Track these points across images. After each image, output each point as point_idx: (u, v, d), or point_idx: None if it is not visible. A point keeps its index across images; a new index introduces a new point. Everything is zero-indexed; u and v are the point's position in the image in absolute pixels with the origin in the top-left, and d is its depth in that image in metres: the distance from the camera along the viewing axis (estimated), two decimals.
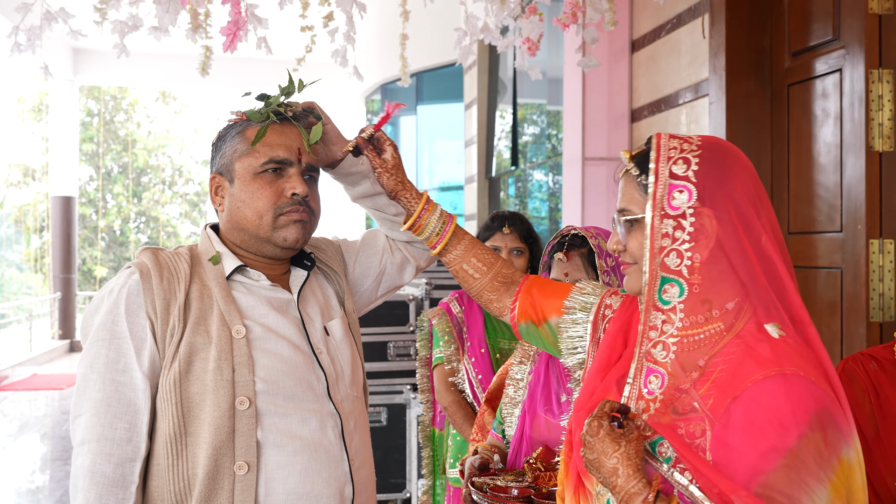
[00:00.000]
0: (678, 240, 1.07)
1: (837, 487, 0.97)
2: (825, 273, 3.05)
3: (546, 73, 5.72)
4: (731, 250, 1.07)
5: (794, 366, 1.02)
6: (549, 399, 1.76)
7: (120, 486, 1.36)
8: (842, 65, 2.90)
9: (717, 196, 1.07)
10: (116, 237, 21.10)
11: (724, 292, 1.08)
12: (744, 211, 1.08)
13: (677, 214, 1.07)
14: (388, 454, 4.36)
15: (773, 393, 1.00)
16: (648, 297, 1.10)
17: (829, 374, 1.04)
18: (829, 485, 0.97)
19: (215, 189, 1.57)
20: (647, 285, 1.09)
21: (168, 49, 10.72)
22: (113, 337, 1.41)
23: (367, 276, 1.74)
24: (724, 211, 1.07)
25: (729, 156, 1.12)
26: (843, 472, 0.98)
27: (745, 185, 1.10)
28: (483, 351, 2.68)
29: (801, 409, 0.98)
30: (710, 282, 1.07)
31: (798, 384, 1.00)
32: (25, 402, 8.63)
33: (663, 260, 1.08)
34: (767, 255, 1.09)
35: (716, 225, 1.06)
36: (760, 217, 1.10)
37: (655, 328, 1.09)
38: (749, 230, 1.07)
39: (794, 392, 0.99)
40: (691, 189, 1.07)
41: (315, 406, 1.47)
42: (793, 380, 1.00)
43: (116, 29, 2.99)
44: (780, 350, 1.04)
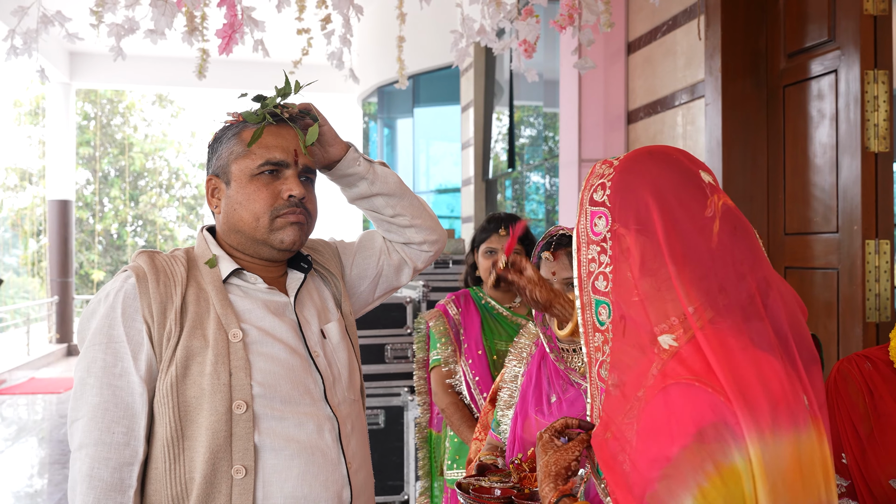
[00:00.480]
0: (603, 263, 1.09)
1: (709, 495, 0.95)
2: (821, 274, 3.05)
3: (542, 75, 5.73)
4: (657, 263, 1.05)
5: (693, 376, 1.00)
6: (540, 400, 1.76)
7: (118, 491, 1.36)
8: (837, 66, 2.91)
9: (627, 214, 1.08)
10: (113, 241, 21.08)
11: (674, 305, 1.05)
12: (663, 218, 1.06)
13: (600, 240, 1.10)
14: (385, 456, 4.36)
15: (668, 402, 1.00)
16: (584, 321, 1.12)
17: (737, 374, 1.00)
18: (699, 492, 0.95)
19: (212, 191, 1.56)
20: (582, 309, 1.12)
21: (165, 52, 10.73)
22: (110, 341, 1.40)
23: (364, 277, 1.74)
24: (638, 225, 1.07)
25: (641, 165, 1.11)
26: (721, 480, 0.95)
27: (661, 190, 1.08)
28: (480, 353, 2.69)
29: (694, 417, 0.98)
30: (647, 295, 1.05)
31: (692, 393, 0.99)
32: (23, 406, 8.61)
33: (593, 283, 1.10)
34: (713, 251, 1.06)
35: (636, 238, 1.06)
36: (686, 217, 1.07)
37: (599, 349, 1.10)
38: (677, 235, 1.06)
39: (687, 402, 0.99)
40: (606, 213, 1.10)
41: (312, 409, 1.47)
42: (688, 390, 0.99)
43: (113, 32, 2.99)
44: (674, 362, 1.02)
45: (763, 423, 0.97)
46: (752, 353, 1.02)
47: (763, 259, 1.09)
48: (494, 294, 2.79)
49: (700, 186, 1.09)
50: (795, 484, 0.98)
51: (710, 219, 1.07)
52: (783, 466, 0.97)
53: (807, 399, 1.03)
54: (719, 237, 1.06)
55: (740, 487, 0.95)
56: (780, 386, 1.00)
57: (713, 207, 1.08)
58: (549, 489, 1.14)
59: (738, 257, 1.06)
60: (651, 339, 1.03)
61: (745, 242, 1.08)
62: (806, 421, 1.01)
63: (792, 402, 1.00)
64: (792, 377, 1.03)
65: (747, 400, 0.98)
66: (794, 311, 1.08)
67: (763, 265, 1.08)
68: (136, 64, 11.15)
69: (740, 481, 0.96)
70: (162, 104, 21.17)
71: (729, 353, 1.01)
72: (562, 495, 1.13)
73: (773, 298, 1.07)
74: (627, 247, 1.07)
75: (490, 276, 2.71)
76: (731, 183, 3.35)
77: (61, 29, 3.03)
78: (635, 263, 1.06)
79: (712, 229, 1.06)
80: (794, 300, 1.10)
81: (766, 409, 0.98)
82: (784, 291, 1.09)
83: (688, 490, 0.95)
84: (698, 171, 1.11)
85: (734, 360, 1.00)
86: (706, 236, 1.06)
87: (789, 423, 0.99)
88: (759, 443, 0.96)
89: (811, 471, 1.00)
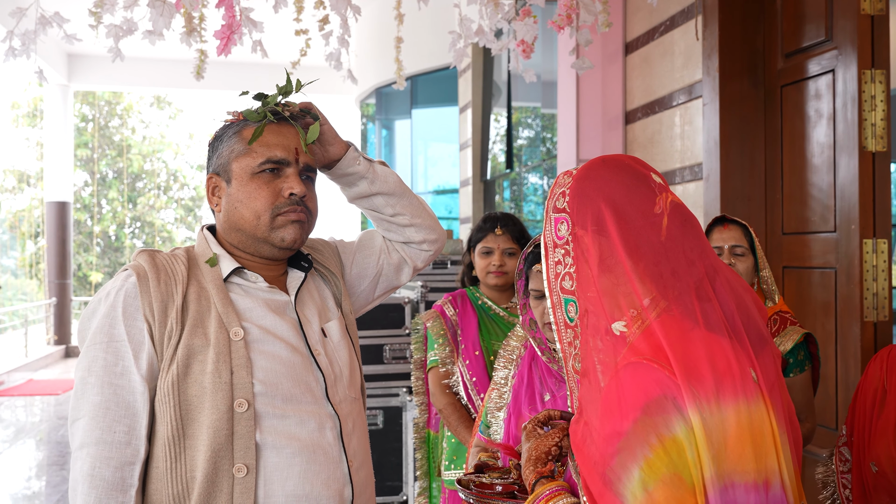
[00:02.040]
0: (567, 264, 1.19)
1: (654, 466, 1.02)
2: (819, 273, 3.06)
3: (540, 76, 5.74)
4: (613, 259, 1.14)
5: (644, 351, 1.08)
6: (533, 398, 1.76)
7: (119, 490, 1.36)
8: (834, 65, 2.92)
9: (583, 216, 1.17)
10: (111, 242, 21.07)
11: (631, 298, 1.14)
12: (615, 218, 1.15)
13: (563, 243, 1.20)
14: (384, 457, 4.36)
15: (620, 382, 1.08)
16: (556, 319, 1.20)
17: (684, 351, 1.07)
18: (644, 463, 1.03)
19: (212, 189, 1.56)
20: (553, 308, 1.21)
21: (163, 54, 10.73)
22: (111, 340, 1.40)
23: (364, 277, 1.74)
24: (595, 225, 1.16)
25: (592, 171, 1.20)
26: (664, 451, 1.03)
27: (611, 192, 1.17)
28: (477, 353, 2.69)
29: (641, 393, 1.06)
30: (607, 290, 1.14)
31: (641, 371, 1.07)
32: (21, 407, 8.60)
33: (561, 284, 1.20)
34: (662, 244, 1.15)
35: (593, 239, 1.15)
36: (637, 215, 1.16)
37: (571, 344, 1.18)
38: (630, 233, 1.14)
39: (636, 379, 1.07)
40: (567, 218, 1.19)
41: (313, 408, 1.47)
42: (638, 368, 1.07)
43: (111, 33, 3.00)
44: (630, 347, 1.10)
45: (705, 393, 1.05)
46: (701, 332, 1.10)
47: (709, 249, 1.18)
48: (491, 294, 2.80)
49: (650, 187, 1.19)
50: (743, 450, 1.04)
51: (659, 215, 1.16)
52: (728, 434, 1.04)
53: (755, 374, 1.10)
54: (668, 230, 1.15)
55: (683, 456, 1.03)
56: (726, 360, 1.08)
57: (661, 204, 1.17)
58: (530, 471, 1.27)
59: (687, 246, 1.15)
60: (609, 330, 1.12)
61: (693, 233, 1.17)
62: (755, 394, 1.08)
63: (738, 375, 1.08)
64: (739, 353, 1.10)
65: (691, 372, 1.06)
66: (741, 295, 1.17)
67: (710, 255, 1.18)
68: (134, 65, 11.15)
69: (683, 451, 1.03)
70: (160, 106, 21.18)
71: (680, 333, 1.09)
72: (540, 476, 1.25)
73: (721, 283, 1.15)
74: (586, 247, 1.16)
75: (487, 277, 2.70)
76: (729, 183, 3.36)
77: (59, 30, 3.03)
78: (594, 262, 1.15)
79: (661, 224, 1.15)
80: (741, 286, 1.18)
81: (710, 380, 1.05)
82: (731, 278, 1.18)
83: (636, 462, 1.03)
84: (649, 173, 1.21)
85: (683, 340, 1.08)
86: (656, 230, 1.15)
87: (734, 393, 1.06)
88: (700, 412, 1.03)
89: (762, 439, 1.06)
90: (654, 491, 1.02)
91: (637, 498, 1.02)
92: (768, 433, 1.07)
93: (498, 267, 2.72)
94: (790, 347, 2.17)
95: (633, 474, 1.03)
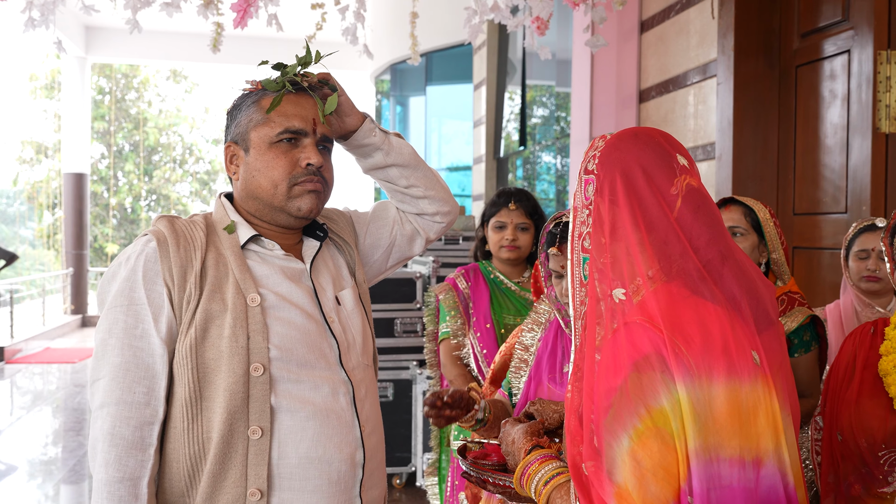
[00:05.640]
0: (587, 224, 1.22)
1: (643, 435, 1.07)
2: (829, 254, 3.07)
3: (555, 54, 5.72)
4: (625, 230, 1.17)
5: (639, 315, 1.12)
6: (554, 368, 1.79)
7: (139, 449, 1.40)
8: (850, 46, 2.91)
9: (606, 185, 1.21)
10: (127, 215, 21.20)
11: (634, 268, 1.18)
12: (634, 192, 1.19)
13: (587, 204, 1.23)
14: (393, 429, 4.42)
15: (616, 340, 1.12)
16: (573, 276, 1.24)
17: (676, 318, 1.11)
18: (633, 432, 1.07)
19: (230, 158, 1.58)
20: (572, 265, 1.24)
21: (179, 27, 10.73)
22: (131, 303, 1.43)
23: (377, 247, 1.77)
24: (614, 196, 1.20)
25: (623, 143, 1.24)
26: (652, 421, 1.07)
27: (631, 169, 1.20)
28: (488, 326, 2.73)
29: (633, 350, 1.10)
30: (615, 258, 1.18)
31: (635, 330, 1.11)
32: (38, 375, 8.75)
33: (582, 243, 1.23)
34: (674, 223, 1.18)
35: (608, 210, 1.19)
36: (654, 193, 1.19)
37: (583, 303, 1.22)
38: (644, 209, 1.18)
39: (630, 337, 1.11)
40: (595, 181, 1.23)
41: (327, 373, 1.50)
42: (632, 327, 1.12)
43: (129, 4, 3.03)
44: (628, 312, 1.14)
45: (696, 365, 1.08)
46: (696, 300, 1.14)
47: (723, 235, 1.21)
48: (503, 268, 2.83)
49: (672, 167, 1.21)
50: (731, 428, 1.07)
51: (674, 196, 1.19)
52: (716, 409, 1.07)
53: (757, 356, 1.13)
54: (679, 211, 1.18)
55: (669, 426, 1.06)
56: (722, 334, 1.11)
57: (679, 186, 1.20)
58: (525, 440, 1.37)
59: (695, 232, 1.18)
60: (610, 296, 1.16)
61: (705, 220, 1.20)
62: (754, 374, 1.10)
63: (734, 351, 1.11)
64: (740, 332, 1.13)
65: (677, 331, 1.10)
66: (752, 279, 1.19)
67: (721, 240, 1.20)
68: (151, 38, 11.16)
69: (668, 421, 1.07)
70: (176, 80, 21.19)
71: (673, 300, 1.13)
72: (535, 445, 1.34)
73: (730, 267, 1.18)
74: (602, 213, 1.20)
75: (500, 251, 2.72)
76: (742, 162, 3.36)
77: (77, 1, 3.06)
78: (607, 229, 1.19)
79: (675, 205, 1.18)
80: (753, 271, 1.21)
81: (700, 352, 1.09)
82: (742, 262, 1.20)
83: (625, 431, 1.08)
84: (675, 153, 1.23)
85: (676, 307, 1.12)
86: (668, 210, 1.18)
87: (727, 369, 1.09)
88: (689, 384, 1.07)
89: (751, 419, 1.09)
90: (642, 459, 1.06)
91: (626, 464, 1.06)
92: (766, 414, 1.10)
93: (511, 241, 2.75)
94: (794, 328, 2.19)
95: (622, 442, 1.07)
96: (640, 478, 1.05)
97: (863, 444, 1.67)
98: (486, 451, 1.62)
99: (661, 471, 1.05)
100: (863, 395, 1.71)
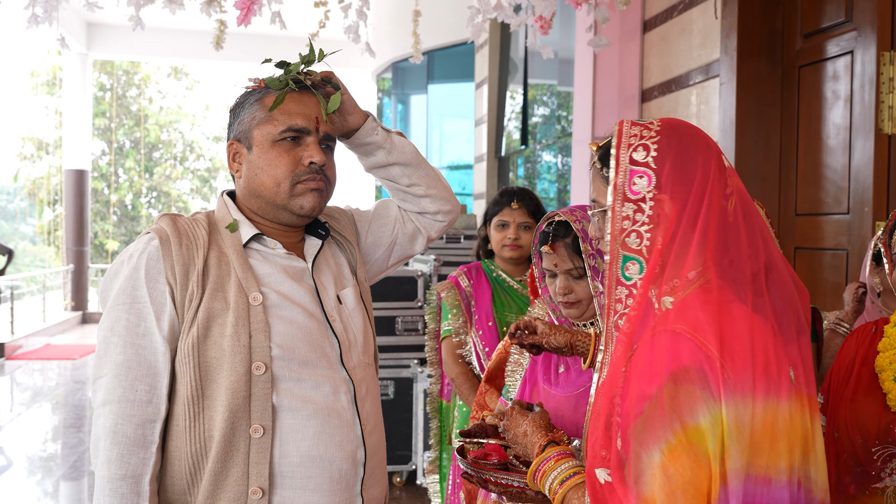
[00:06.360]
0: (638, 222, 1.15)
1: (675, 450, 1.03)
2: (831, 255, 3.07)
3: (557, 53, 5.72)
4: (687, 230, 1.13)
5: (682, 325, 1.08)
6: (549, 369, 1.79)
7: (141, 446, 1.40)
8: (853, 47, 2.90)
9: (674, 181, 1.14)
10: (128, 211, 21.21)
11: (679, 270, 1.14)
12: (701, 190, 1.14)
13: (637, 199, 1.15)
14: (394, 427, 4.43)
15: (654, 346, 1.08)
16: (610, 273, 1.18)
17: (726, 332, 1.08)
18: (666, 446, 1.03)
19: (233, 155, 1.59)
20: (609, 263, 1.18)
21: (182, 24, 10.73)
22: (133, 301, 1.44)
23: (378, 245, 1.77)
24: (682, 194, 1.14)
25: (686, 137, 1.18)
26: (686, 437, 1.03)
27: (704, 164, 1.15)
28: (490, 324, 2.73)
29: (672, 360, 1.06)
30: (666, 260, 1.14)
31: (676, 339, 1.07)
32: (38, 371, 8.75)
33: (624, 240, 1.16)
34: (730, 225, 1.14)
35: (673, 208, 1.13)
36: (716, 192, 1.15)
37: (620, 301, 1.17)
38: (709, 208, 1.13)
39: (670, 345, 1.07)
40: (650, 174, 1.15)
41: (328, 372, 1.51)
42: (674, 335, 1.08)
43: (132, 1, 3.03)
44: (670, 315, 1.11)
45: (738, 383, 1.05)
46: (741, 309, 1.10)
47: (768, 241, 1.17)
48: (506, 267, 2.84)
49: (724, 165, 1.18)
50: (768, 447, 1.05)
51: (729, 196, 1.15)
52: (755, 428, 1.04)
53: (793, 373, 1.10)
54: (734, 215, 1.14)
55: (704, 444, 1.03)
56: (765, 353, 1.08)
57: (732, 186, 1.17)
58: (540, 435, 1.32)
59: (747, 237, 1.14)
60: (656, 300, 1.12)
61: (756, 222, 1.16)
62: (788, 393, 1.08)
63: (774, 369, 1.08)
64: (780, 349, 1.10)
65: (727, 358, 1.05)
66: (791, 289, 1.16)
67: (768, 247, 1.16)
68: (153, 35, 11.16)
69: (704, 440, 1.03)
70: (177, 77, 21.18)
71: (717, 308, 1.09)
72: (551, 440, 1.30)
73: (773, 278, 1.15)
74: (667, 212, 1.13)
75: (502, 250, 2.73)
76: (744, 163, 3.36)
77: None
78: (671, 229, 1.13)
79: (728, 207, 1.15)
80: (791, 279, 1.18)
81: (743, 369, 1.06)
82: (783, 270, 1.17)
83: (657, 443, 1.04)
84: (720, 151, 1.19)
85: (721, 317, 1.08)
86: (726, 213, 1.14)
87: (765, 388, 1.06)
88: (733, 403, 1.04)
89: (784, 438, 1.07)
90: (673, 474, 1.03)
91: (656, 477, 1.03)
92: (798, 434, 1.08)
93: (513, 240, 2.76)
94: None
95: (653, 455, 1.04)
96: (670, 494, 1.03)
97: (857, 440, 1.68)
98: (487, 450, 1.61)
99: (691, 488, 1.03)
100: (858, 391, 1.72)
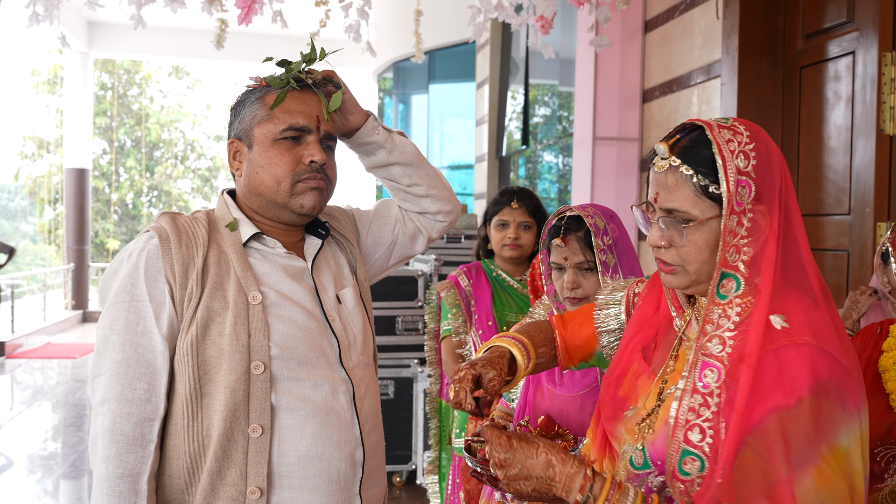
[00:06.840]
0: (737, 235, 1.07)
1: (825, 474, 0.98)
2: (832, 255, 3.07)
3: (559, 53, 5.71)
4: (778, 242, 1.07)
5: (808, 337, 1.03)
6: (552, 370, 1.79)
7: (139, 445, 1.40)
8: (855, 47, 2.90)
9: (768, 190, 1.07)
10: (129, 210, 21.22)
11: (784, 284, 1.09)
12: (784, 200, 1.09)
13: (740, 211, 1.07)
14: (394, 426, 4.43)
15: (780, 359, 1.02)
16: (712, 292, 1.10)
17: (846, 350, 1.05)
18: (815, 470, 0.98)
19: (233, 154, 1.58)
20: (713, 282, 1.09)
21: (183, 23, 10.74)
22: (132, 300, 1.43)
23: (379, 245, 1.77)
24: (772, 204, 1.08)
25: (770, 146, 1.11)
26: (834, 459, 0.99)
27: (781, 172, 1.10)
28: (490, 324, 2.73)
29: (808, 373, 1.00)
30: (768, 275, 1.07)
31: (810, 352, 1.01)
32: (38, 370, 8.75)
33: (724, 255, 1.08)
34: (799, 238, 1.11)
35: (768, 219, 1.07)
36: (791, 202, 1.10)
37: (711, 322, 1.09)
38: (788, 219, 1.08)
39: (803, 359, 1.01)
40: (751, 185, 1.06)
41: (327, 372, 1.50)
42: (805, 349, 1.02)
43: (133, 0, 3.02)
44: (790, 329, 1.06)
45: (862, 401, 1.03)
46: (844, 333, 1.06)
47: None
48: (506, 266, 2.83)
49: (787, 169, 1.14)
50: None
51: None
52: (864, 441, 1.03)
53: None
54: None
55: (846, 464, 1.00)
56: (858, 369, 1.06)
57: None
58: (578, 463, 1.10)
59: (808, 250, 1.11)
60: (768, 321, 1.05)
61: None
62: None
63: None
64: None
65: (858, 371, 1.03)
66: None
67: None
68: (154, 34, 11.16)
69: (847, 459, 1.00)
70: (178, 76, 21.19)
71: (837, 319, 1.06)
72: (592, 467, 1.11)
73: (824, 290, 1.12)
74: (762, 224, 1.07)
75: (502, 250, 2.73)
76: None
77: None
78: (772, 245, 1.06)
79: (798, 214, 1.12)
80: None
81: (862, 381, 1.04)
82: None
83: (806, 469, 0.99)
84: None
85: (841, 329, 1.05)
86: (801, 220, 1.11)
87: None
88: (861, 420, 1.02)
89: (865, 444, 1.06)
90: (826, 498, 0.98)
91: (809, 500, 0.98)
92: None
93: (513, 240, 2.76)
94: None
95: (803, 482, 0.98)
96: None
97: None
98: None
99: None
100: None
